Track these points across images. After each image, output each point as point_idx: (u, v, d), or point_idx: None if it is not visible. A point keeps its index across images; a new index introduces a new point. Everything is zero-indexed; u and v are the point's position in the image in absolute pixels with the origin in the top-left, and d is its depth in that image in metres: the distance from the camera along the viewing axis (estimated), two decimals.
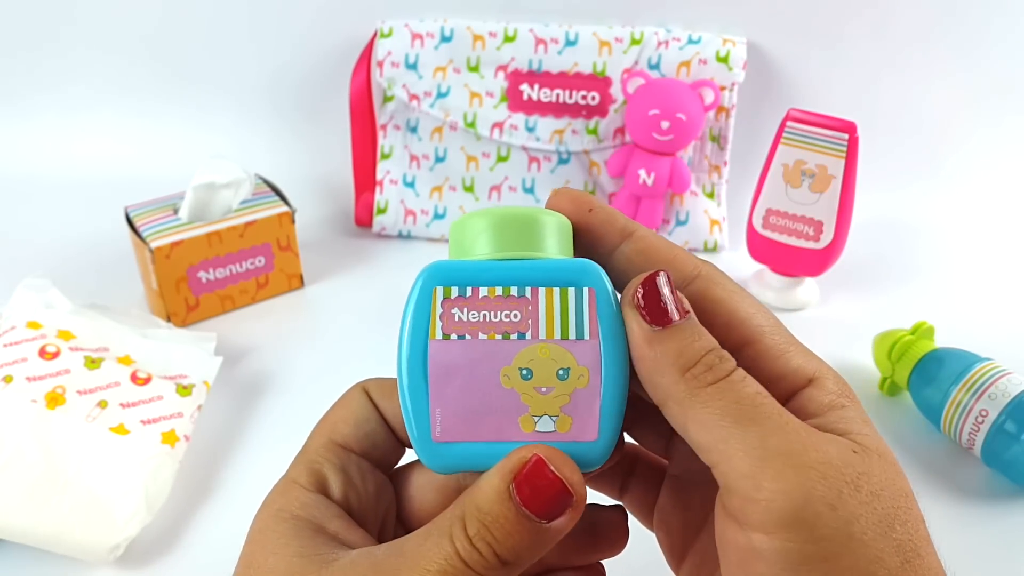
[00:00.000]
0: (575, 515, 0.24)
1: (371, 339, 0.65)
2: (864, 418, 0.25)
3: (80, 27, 0.82)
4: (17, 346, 0.53)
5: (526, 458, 0.24)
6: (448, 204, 0.78)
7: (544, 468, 0.24)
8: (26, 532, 0.46)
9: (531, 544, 0.24)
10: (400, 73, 0.75)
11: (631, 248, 0.27)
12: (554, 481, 0.24)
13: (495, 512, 0.24)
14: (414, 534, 0.25)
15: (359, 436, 0.29)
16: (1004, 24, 0.77)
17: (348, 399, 0.30)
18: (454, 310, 0.25)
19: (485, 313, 0.25)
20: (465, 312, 0.25)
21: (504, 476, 0.24)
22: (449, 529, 0.24)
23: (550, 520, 0.24)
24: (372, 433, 0.29)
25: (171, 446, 0.51)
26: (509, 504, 0.24)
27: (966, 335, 0.58)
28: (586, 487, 0.25)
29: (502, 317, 0.25)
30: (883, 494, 0.23)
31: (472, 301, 0.25)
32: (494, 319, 0.25)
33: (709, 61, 0.74)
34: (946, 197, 0.82)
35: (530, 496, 0.24)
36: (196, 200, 0.65)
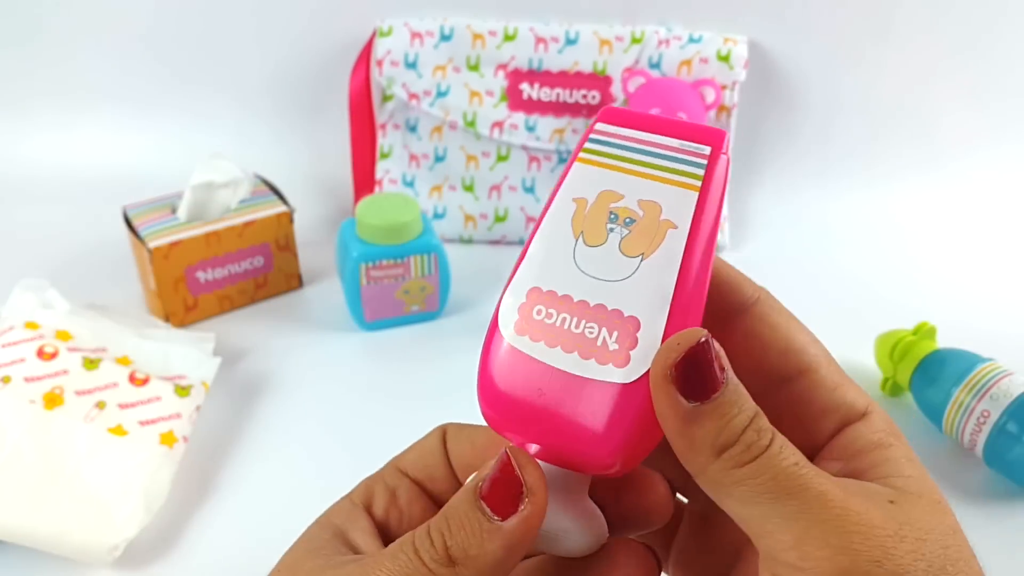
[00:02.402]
0: (528, 516, 0.24)
1: (371, 339, 0.65)
2: (909, 457, 0.25)
3: (79, 27, 0.82)
4: (15, 346, 0.53)
5: (497, 459, 0.24)
6: (448, 204, 0.77)
7: (505, 460, 0.24)
8: (24, 533, 0.46)
9: (480, 544, 0.24)
10: (399, 72, 0.75)
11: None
12: (509, 472, 0.24)
13: (455, 506, 0.24)
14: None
15: (418, 465, 0.30)
16: (1004, 24, 0.77)
17: (425, 436, 0.31)
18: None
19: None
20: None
21: (479, 475, 0.24)
22: (415, 532, 0.25)
23: (503, 518, 0.24)
24: (431, 466, 0.30)
25: (169, 447, 0.50)
26: (470, 499, 0.24)
27: (968, 336, 0.58)
28: (546, 494, 0.24)
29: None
30: (929, 538, 0.23)
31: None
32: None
33: (710, 60, 0.73)
34: (947, 197, 0.82)
35: (489, 490, 0.24)
36: (194, 200, 0.64)
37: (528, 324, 0.26)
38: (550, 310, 0.25)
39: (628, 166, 0.26)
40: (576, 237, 0.26)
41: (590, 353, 0.25)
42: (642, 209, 0.25)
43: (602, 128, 0.27)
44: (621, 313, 0.25)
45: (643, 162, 0.26)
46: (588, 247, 0.25)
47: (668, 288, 0.25)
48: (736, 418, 0.23)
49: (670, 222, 0.25)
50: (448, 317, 0.67)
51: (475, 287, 0.71)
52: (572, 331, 0.25)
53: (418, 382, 0.61)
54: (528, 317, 0.26)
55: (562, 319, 0.25)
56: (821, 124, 0.81)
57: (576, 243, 0.26)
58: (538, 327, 0.25)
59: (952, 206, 0.82)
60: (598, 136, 0.27)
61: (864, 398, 0.26)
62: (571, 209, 0.26)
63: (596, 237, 0.26)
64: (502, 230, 0.78)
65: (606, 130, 0.27)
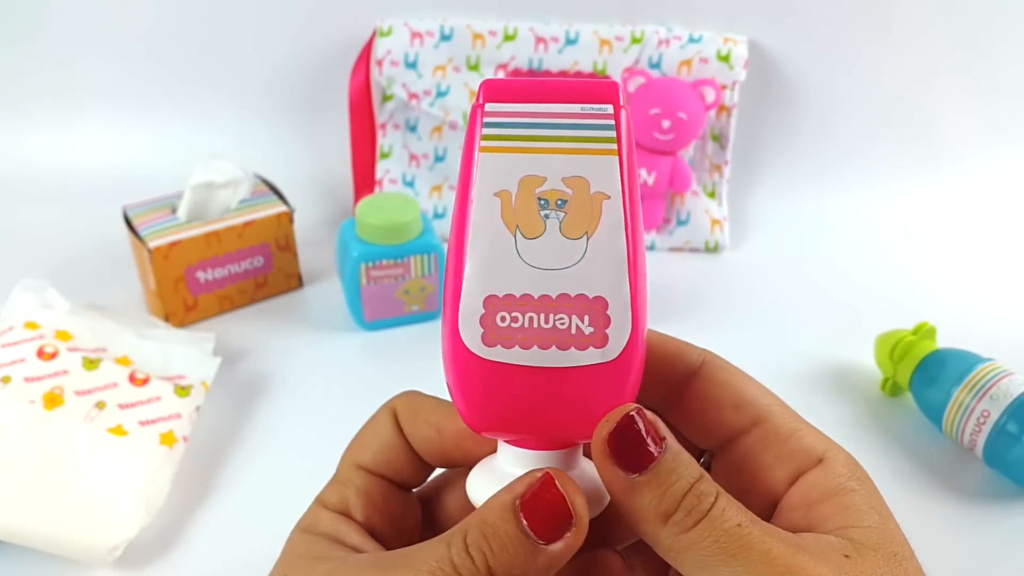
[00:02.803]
0: (574, 543, 0.24)
1: (371, 339, 0.65)
2: (871, 503, 0.25)
3: (79, 27, 0.82)
4: (15, 346, 0.53)
5: (537, 477, 0.24)
6: (448, 204, 0.77)
7: (551, 485, 0.24)
8: (24, 533, 0.46)
9: (524, 564, 0.24)
10: (399, 72, 0.75)
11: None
12: (558, 498, 0.24)
13: (496, 524, 0.24)
14: (427, 540, 0.25)
15: (380, 462, 0.30)
16: (1004, 24, 0.77)
17: (374, 422, 0.30)
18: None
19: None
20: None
21: (513, 492, 0.24)
22: (451, 536, 0.24)
23: (549, 542, 0.24)
24: (395, 458, 0.30)
25: (169, 447, 0.50)
26: (511, 518, 0.24)
27: (968, 336, 0.58)
28: (588, 513, 0.25)
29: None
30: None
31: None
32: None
33: (710, 60, 0.73)
34: (948, 197, 0.82)
35: (532, 513, 0.24)
36: (194, 200, 0.64)
37: (496, 333, 0.25)
38: (514, 314, 0.25)
39: (537, 144, 0.25)
40: (513, 233, 0.25)
41: (567, 343, 0.25)
42: (570, 187, 0.25)
43: (492, 109, 0.25)
44: (586, 296, 0.25)
45: (551, 137, 0.25)
46: (528, 240, 0.25)
47: (622, 259, 0.25)
48: (675, 485, 0.24)
49: (602, 193, 0.25)
50: None
51: None
52: (543, 327, 0.25)
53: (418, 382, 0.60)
54: (493, 326, 0.25)
55: (529, 319, 0.25)
56: (821, 124, 0.81)
57: (515, 239, 0.25)
58: (507, 333, 0.25)
59: (952, 206, 0.82)
60: (492, 119, 0.25)
61: (823, 442, 0.27)
62: (496, 205, 0.25)
63: (534, 228, 0.25)
64: None
65: (497, 110, 0.25)
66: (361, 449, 0.30)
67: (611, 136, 0.25)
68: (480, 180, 0.25)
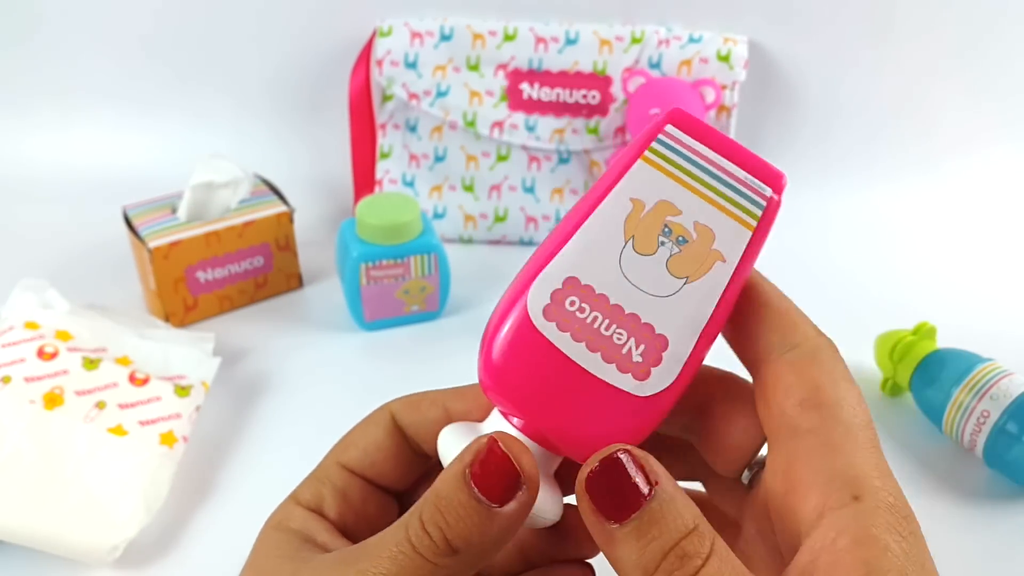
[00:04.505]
0: (527, 501, 0.24)
1: (371, 339, 0.65)
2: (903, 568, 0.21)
3: (79, 27, 0.82)
4: (15, 346, 0.53)
5: (483, 443, 0.24)
6: (448, 204, 0.77)
7: (496, 448, 0.24)
8: (24, 533, 0.46)
9: (481, 530, 0.24)
10: (399, 72, 0.75)
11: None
12: (504, 460, 0.24)
13: (449, 496, 0.24)
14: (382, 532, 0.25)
15: (365, 463, 0.29)
16: (1004, 24, 0.77)
17: (367, 422, 0.30)
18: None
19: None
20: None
21: (462, 461, 0.24)
22: (407, 517, 0.24)
23: (501, 504, 0.24)
24: (381, 460, 0.29)
25: (169, 447, 0.50)
26: (463, 487, 0.24)
27: (968, 336, 0.58)
28: (537, 470, 0.25)
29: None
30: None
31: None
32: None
33: (710, 60, 0.73)
34: (947, 197, 0.82)
35: (482, 477, 0.24)
36: (194, 200, 0.64)
37: (558, 312, 0.25)
38: (584, 304, 0.25)
39: (691, 181, 0.26)
40: (626, 239, 0.25)
41: (613, 358, 0.25)
42: (696, 232, 0.25)
43: (671, 132, 0.26)
44: (653, 328, 0.25)
45: (707, 183, 0.26)
46: (636, 253, 0.25)
47: (704, 317, 0.25)
48: (656, 541, 0.22)
49: (720, 254, 0.25)
50: (448, 317, 0.67)
51: (475, 287, 0.71)
52: (601, 332, 0.25)
53: (418, 382, 0.60)
54: (560, 305, 0.25)
55: (594, 317, 0.25)
56: (821, 124, 0.81)
57: (625, 246, 0.25)
58: (568, 318, 0.25)
59: (952, 206, 0.82)
60: (666, 139, 0.26)
61: (867, 471, 0.23)
62: (627, 209, 0.26)
63: (647, 246, 0.25)
64: (502, 230, 0.78)
65: (674, 135, 0.26)
66: (346, 448, 0.30)
67: (757, 213, 0.26)
68: (626, 180, 0.26)
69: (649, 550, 0.22)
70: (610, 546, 0.23)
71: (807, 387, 0.25)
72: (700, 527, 0.22)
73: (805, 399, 0.24)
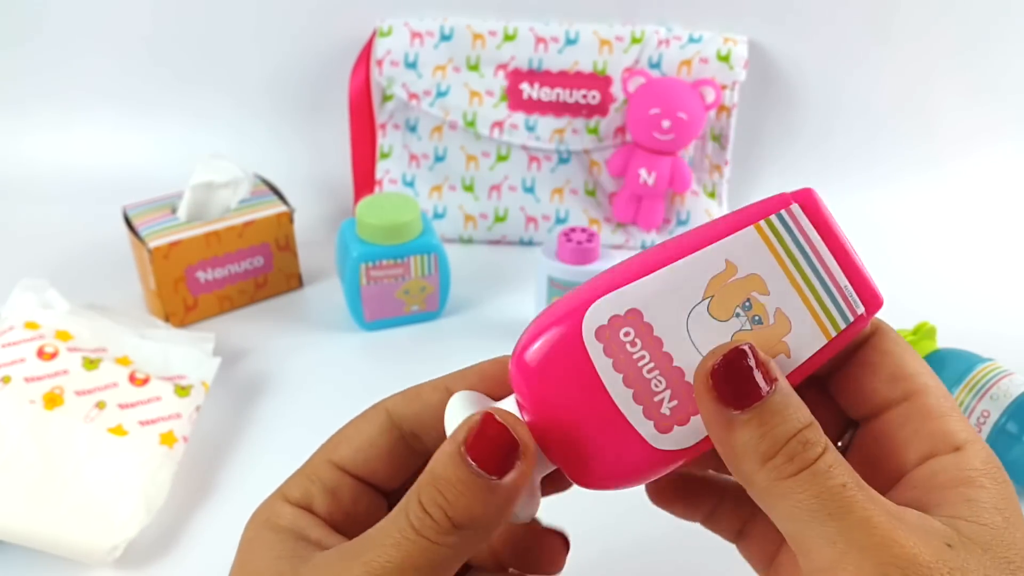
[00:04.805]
0: (525, 468, 0.24)
1: (371, 339, 0.65)
2: (999, 504, 0.24)
3: (79, 27, 0.82)
4: (15, 346, 0.53)
5: (476, 419, 0.24)
6: (448, 204, 0.77)
7: (491, 420, 0.24)
8: (24, 533, 0.46)
9: (484, 503, 0.24)
10: (399, 72, 0.75)
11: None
12: (501, 431, 0.24)
13: (447, 474, 0.24)
14: (380, 522, 0.25)
15: (357, 461, 0.29)
16: (1004, 24, 0.77)
17: (361, 420, 0.30)
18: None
19: None
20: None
21: (456, 439, 0.24)
22: (406, 502, 0.24)
23: (500, 475, 0.24)
24: (374, 458, 0.29)
25: (169, 447, 0.50)
26: (460, 464, 0.24)
27: (968, 336, 0.58)
28: (533, 440, 0.25)
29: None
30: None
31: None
32: None
33: (710, 60, 0.73)
34: (948, 197, 0.82)
35: (478, 451, 0.24)
36: (194, 200, 0.64)
37: (611, 337, 0.25)
38: (637, 339, 0.25)
39: (792, 268, 0.25)
40: (704, 297, 0.25)
41: (643, 400, 0.25)
42: (775, 318, 0.25)
43: (795, 212, 0.25)
44: (691, 389, 0.25)
45: (806, 275, 0.25)
46: (708, 314, 0.25)
47: None
48: (779, 428, 0.23)
49: (787, 348, 0.25)
50: (448, 317, 0.67)
51: (475, 287, 0.71)
52: (643, 372, 0.25)
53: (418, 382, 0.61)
54: (615, 330, 0.25)
55: (641, 355, 0.25)
56: (821, 124, 0.81)
57: (701, 302, 0.25)
58: (617, 346, 0.25)
59: (952, 206, 0.82)
60: (787, 218, 0.25)
61: (967, 432, 0.25)
62: (718, 268, 0.25)
63: (721, 311, 0.25)
64: (502, 230, 0.78)
65: (796, 216, 0.25)
66: (337, 445, 0.29)
67: (840, 325, 0.25)
68: (730, 241, 0.25)
69: (771, 436, 0.23)
70: (728, 431, 0.23)
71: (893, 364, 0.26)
72: (815, 423, 0.23)
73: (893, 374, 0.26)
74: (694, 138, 0.73)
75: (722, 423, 0.23)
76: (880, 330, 0.27)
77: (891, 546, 0.21)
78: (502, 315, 0.68)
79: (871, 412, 0.27)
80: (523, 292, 0.70)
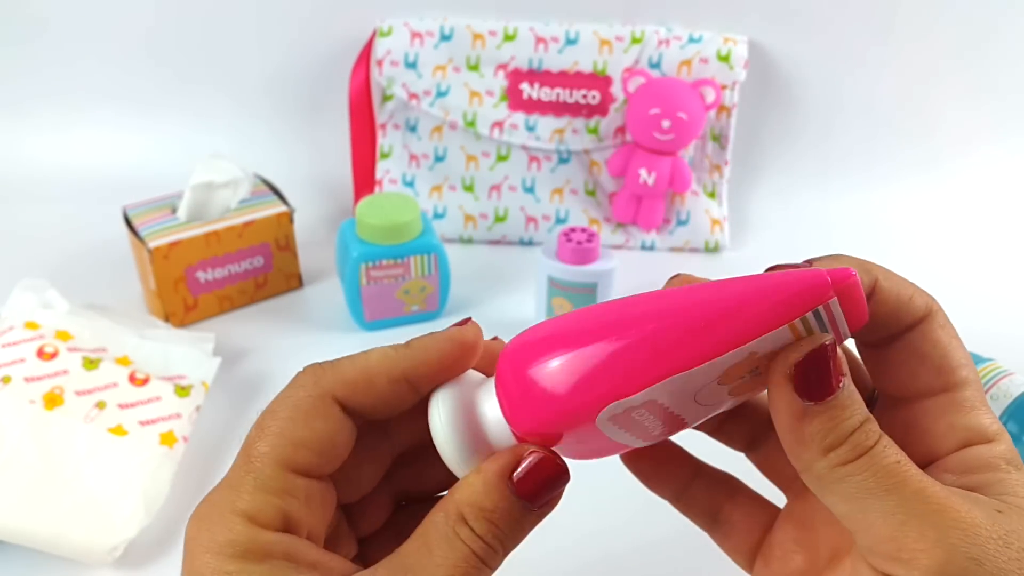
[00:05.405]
0: (560, 494, 0.26)
1: (371, 339, 0.65)
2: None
3: (79, 28, 0.82)
4: (15, 346, 0.53)
5: (520, 455, 0.26)
6: (448, 204, 0.77)
7: (547, 460, 0.26)
8: (24, 533, 0.46)
9: (528, 529, 0.26)
10: (399, 72, 0.75)
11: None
12: (555, 467, 0.26)
13: (500, 508, 0.25)
14: (409, 548, 0.25)
15: (321, 465, 0.27)
16: (1004, 24, 0.77)
17: (312, 416, 0.27)
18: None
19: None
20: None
21: (501, 474, 0.25)
22: (453, 534, 0.25)
23: (549, 504, 0.26)
24: (333, 459, 0.27)
25: (169, 447, 0.50)
26: (511, 499, 0.25)
27: (967, 336, 0.57)
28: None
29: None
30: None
31: None
32: None
33: (710, 60, 0.73)
34: (947, 197, 0.82)
35: (530, 487, 0.25)
36: (194, 200, 0.64)
37: (624, 419, 0.25)
38: (650, 415, 0.26)
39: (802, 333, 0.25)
40: (719, 382, 0.25)
41: (642, 437, 0.27)
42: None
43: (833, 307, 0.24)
44: (684, 423, 0.27)
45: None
46: (717, 384, 0.25)
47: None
48: (847, 421, 0.24)
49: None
50: (448, 317, 0.67)
51: (475, 287, 0.71)
52: (651, 431, 0.27)
53: None
54: (628, 415, 0.25)
55: (652, 421, 0.26)
56: (821, 124, 0.81)
57: (712, 382, 0.25)
58: (629, 424, 0.26)
59: (952, 206, 0.82)
60: (822, 312, 0.24)
61: (997, 426, 0.27)
62: (739, 358, 0.24)
63: (729, 380, 0.25)
64: (502, 230, 0.78)
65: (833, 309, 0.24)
66: (295, 451, 0.26)
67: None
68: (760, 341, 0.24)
69: (838, 428, 0.24)
70: (800, 420, 0.24)
71: (941, 357, 0.27)
72: (871, 418, 0.24)
73: (940, 366, 0.27)
74: (694, 138, 0.73)
75: (796, 412, 0.24)
76: (931, 316, 0.28)
77: (949, 511, 0.23)
78: (502, 315, 0.68)
79: (909, 396, 0.28)
80: (523, 292, 0.70)
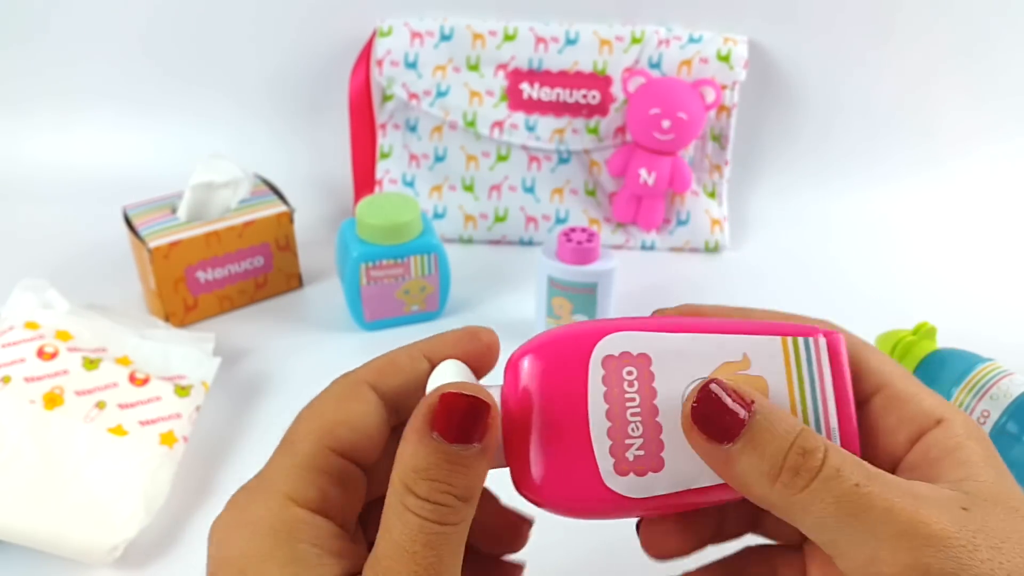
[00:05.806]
0: (494, 424, 0.24)
1: (371, 339, 0.65)
2: (988, 460, 0.25)
3: (79, 27, 0.82)
4: (15, 346, 0.53)
5: (433, 402, 0.24)
6: (448, 204, 0.77)
7: (454, 396, 0.24)
8: (24, 533, 0.46)
9: (476, 472, 0.24)
10: (399, 72, 0.75)
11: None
12: (466, 399, 0.24)
13: (431, 463, 0.24)
14: (378, 537, 0.25)
15: (358, 446, 0.28)
16: (1004, 24, 0.77)
17: (349, 399, 0.28)
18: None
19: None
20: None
21: (422, 429, 0.24)
22: (402, 508, 0.24)
23: (481, 439, 0.24)
24: (370, 440, 0.28)
25: (169, 447, 0.50)
26: (441, 448, 0.24)
27: (968, 336, 0.58)
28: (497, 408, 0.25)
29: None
30: (1004, 546, 0.23)
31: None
32: None
33: (710, 60, 0.73)
34: (947, 197, 0.82)
35: (449, 428, 0.24)
36: (194, 200, 0.64)
37: (614, 368, 0.26)
38: (636, 382, 0.26)
39: (796, 389, 0.26)
40: (709, 376, 0.26)
41: (615, 437, 0.26)
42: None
43: (820, 345, 0.27)
44: (662, 448, 0.26)
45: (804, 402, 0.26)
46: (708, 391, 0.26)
47: (704, 481, 0.26)
48: (771, 446, 0.23)
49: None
50: (448, 317, 0.67)
51: (475, 287, 0.71)
52: (626, 413, 0.26)
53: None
54: (620, 364, 0.26)
55: (632, 398, 0.26)
56: (821, 124, 0.81)
57: (703, 378, 0.26)
58: (615, 379, 0.26)
59: (952, 206, 0.82)
60: (811, 346, 0.26)
61: (942, 405, 0.27)
62: (735, 357, 0.26)
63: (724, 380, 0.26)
64: (502, 230, 0.78)
65: (820, 349, 0.27)
66: (335, 430, 0.27)
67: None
68: (756, 340, 0.27)
69: (768, 455, 0.23)
70: (729, 466, 0.24)
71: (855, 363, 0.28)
72: (806, 428, 0.24)
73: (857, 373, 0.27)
74: (694, 138, 0.73)
75: (720, 459, 0.24)
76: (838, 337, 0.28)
77: (917, 528, 0.22)
78: (502, 315, 0.68)
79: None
80: (523, 292, 0.70)
